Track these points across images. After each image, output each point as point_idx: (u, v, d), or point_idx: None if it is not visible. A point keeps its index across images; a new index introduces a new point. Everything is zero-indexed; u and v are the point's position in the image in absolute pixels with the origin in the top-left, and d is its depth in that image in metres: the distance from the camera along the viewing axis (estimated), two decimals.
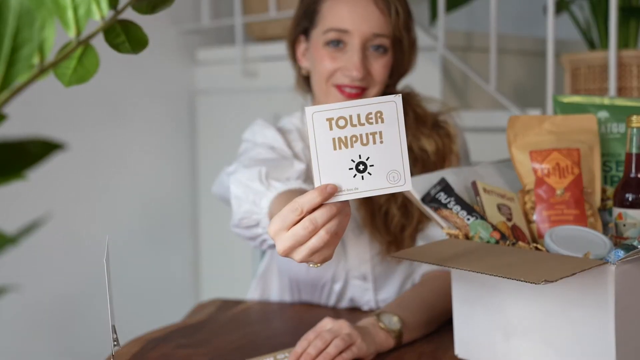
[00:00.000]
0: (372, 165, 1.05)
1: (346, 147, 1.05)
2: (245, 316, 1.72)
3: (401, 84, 1.79)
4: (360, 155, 1.05)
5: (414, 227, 1.70)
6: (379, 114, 1.05)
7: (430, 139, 1.71)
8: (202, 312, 1.74)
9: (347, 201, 1.07)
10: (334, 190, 1.05)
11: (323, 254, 1.09)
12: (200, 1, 3.15)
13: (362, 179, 1.05)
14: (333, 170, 1.05)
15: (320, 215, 1.05)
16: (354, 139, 1.05)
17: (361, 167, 1.05)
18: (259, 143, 1.72)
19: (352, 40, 1.63)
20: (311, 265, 1.14)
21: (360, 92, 1.64)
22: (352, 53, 1.63)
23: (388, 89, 1.73)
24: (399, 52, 1.69)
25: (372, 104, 1.05)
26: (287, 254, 1.09)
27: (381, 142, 1.05)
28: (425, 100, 1.78)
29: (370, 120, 1.05)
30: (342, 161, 1.05)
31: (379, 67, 1.65)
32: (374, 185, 1.06)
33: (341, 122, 1.05)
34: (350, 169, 1.05)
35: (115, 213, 2.94)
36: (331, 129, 1.05)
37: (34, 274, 2.67)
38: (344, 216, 1.07)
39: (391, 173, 1.06)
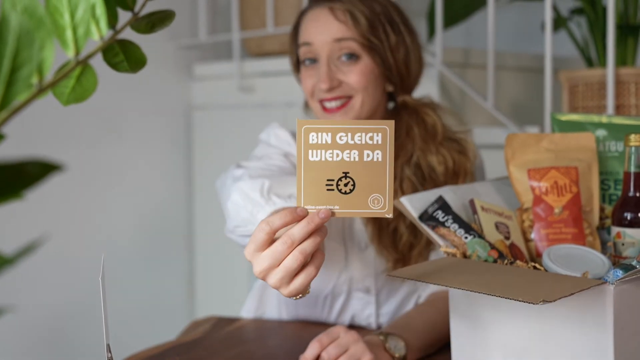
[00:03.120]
0: (356, 187, 1.07)
1: (332, 165, 1.07)
2: (240, 334, 1.71)
3: (417, 92, 1.79)
4: (345, 175, 1.06)
5: (422, 246, 1.69)
6: (369, 138, 1.06)
7: (439, 155, 1.69)
8: (197, 330, 1.73)
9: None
10: (304, 213, 1.07)
11: (300, 281, 1.10)
12: (198, 17, 3.15)
13: (344, 198, 1.07)
14: (316, 185, 1.07)
15: (298, 231, 1.07)
16: (341, 158, 1.07)
17: (344, 187, 1.06)
18: (272, 144, 1.74)
19: (319, 53, 1.67)
20: (294, 298, 1.15)
21: (345, 103, 1.65)
22: (320, 66, 1.65)
23: (396, 98, 1.73)
24: (378, 57, 1.68)
25: (363, 126, 1.07)
26: (264, 275, 1.10)
27: (368, 165, 1.07)
28: (443, 111, 1.76)
29: (360, 143, 1.07)
30: (326, 178, 1.07)
31: (353, 75, 1.65)
32: (355, 207, 1.08)
33: (330, 140, 1.06)
34: (332, 187, 1.07)
35: (110, 229, 2.93)
36: (320, 145, 1.06)
37: (29, 291, 2.66)
38: (319, 235, 1.09)
39: (374, 197, 1.07)
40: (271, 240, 1.09)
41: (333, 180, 1.07)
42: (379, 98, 1.71)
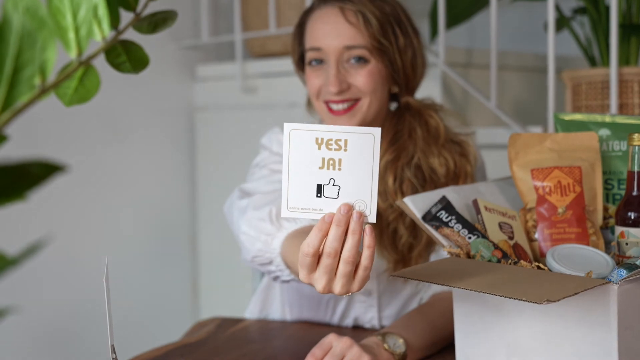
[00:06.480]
0: (341, 191, 1.09)
1: (319, 168, 1.09)
2: (245, 335, 1.71)
3: (420, 93, 1.79)
4: (331, 180, 1.09)
5: (422, 247, 1.68)
6: (356, 143, 1.08)
7: (440, 157, 1.69)
8: (201, 331, 1.73)
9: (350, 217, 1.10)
10: (331, 219, 1.09)
11: (360, 276, 1.13)
12: (200, 18, 3.15)
13: (329, 202, 1.09)
14: (302, 188, 1.09)
15: (334, 238, 1.09)
16: (328, 162, 1.09)
17: (329, 191, 1.09)
18: (274, 152, 1.73)
19: (328, 57, 1.65)
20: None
21: (353, 105, 1.64)
22: (328, 69, 1.65)
23: (401, 99, 1.72)
24: (386, 59, 1.67)
25: (351, 132, 1.09)
26: (328, 289, 1.13)
27: (354, 170, 1.09)
28: (445, 112, 1.76)
29: (347, 148, 1.09)
30: (312, 182, 1.09)
31: (362, 77, 1.65)
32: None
33: (318, 143, 1.09)
34: (319, 190, 1.09)
35: (114, 230, 2.92)
36: (308, 148, 1.09)
37: (33, 292, 2.66)
38: (355, 233, 1.10)
39: (358, 202, 1.09)
40: (318, 258, 1.12)
41: (319, 184, 1.09)
42: (385, 99, 1.70)
